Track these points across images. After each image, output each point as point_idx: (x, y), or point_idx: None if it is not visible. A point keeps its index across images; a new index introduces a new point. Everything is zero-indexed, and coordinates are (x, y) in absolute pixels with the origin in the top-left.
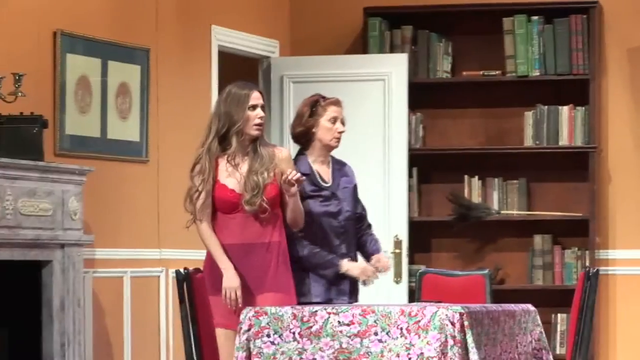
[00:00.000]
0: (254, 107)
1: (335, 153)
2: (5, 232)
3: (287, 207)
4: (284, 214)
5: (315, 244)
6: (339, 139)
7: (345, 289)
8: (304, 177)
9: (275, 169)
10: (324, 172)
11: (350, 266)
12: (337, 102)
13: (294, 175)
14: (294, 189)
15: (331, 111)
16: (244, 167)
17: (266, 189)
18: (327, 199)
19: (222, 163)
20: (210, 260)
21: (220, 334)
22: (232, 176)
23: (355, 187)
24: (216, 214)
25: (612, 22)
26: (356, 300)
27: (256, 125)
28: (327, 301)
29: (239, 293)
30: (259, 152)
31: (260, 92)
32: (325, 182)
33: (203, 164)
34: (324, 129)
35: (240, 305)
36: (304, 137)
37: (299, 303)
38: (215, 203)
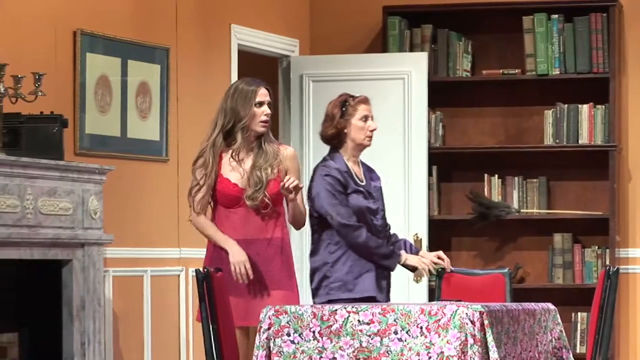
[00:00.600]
0: (260, 103)
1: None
2: (26, 231)
3: (288, 206)
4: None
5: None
6: (371, 137)
7: (384, 286)
8: (301, 185)
9: (279, 166)
10: (357, 172)
11: (408, 256)
12: (366, 100)
13: (290, 182)
14: (292, 195)
15: (362, 110)
16: (248, 162)
17: (269, 184)
18: (366, 197)
19: (226, 158)
20: (209, 261)
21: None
22: (235, 170)
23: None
24: (218, 209)
25: (632, 20)
26: (389, 299)
27: (262, 122)
28: (373, 297)
29: (247, 266)
30: (263, 148)
31: (267, 89)
32: (361, 181)
33: (206, 157)
34: (356, 128)
35: (251, 277)
36: (336, 138)
37: (345, 300)
38: (218, 197)
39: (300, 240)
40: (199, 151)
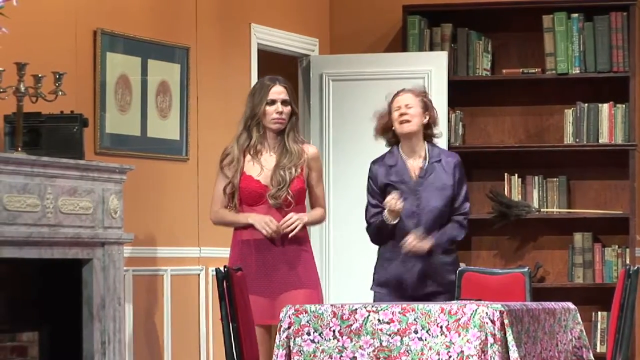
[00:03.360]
0: (273, 101)
1: (368, 149)
2: (46, 231)
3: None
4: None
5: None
6: (405, 122)
7: (416, 273)
8: (298, 221)
9: (302, 165)
10: (414, 165)
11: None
12: (397, 93)
13: (285, 227)
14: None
15: (395, 103)
16: (271, 160)
17: (292, 182)
18: (404, 193)
19: (248, 155)
20: (234, 259)
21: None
22: (256, 166)
23: (454, 181)
24: (242, 208)
25: None
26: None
27: (273, 119)
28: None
29: (274, 220)
30: (288, 148)
31: (285, 87)
32: (411, 178)
33: (233, 154)
34: (395, 121)
35: (282, 227)
36: (387, 134)
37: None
38: (241, 194)
39: (321, 238)
40: (225, 149)
